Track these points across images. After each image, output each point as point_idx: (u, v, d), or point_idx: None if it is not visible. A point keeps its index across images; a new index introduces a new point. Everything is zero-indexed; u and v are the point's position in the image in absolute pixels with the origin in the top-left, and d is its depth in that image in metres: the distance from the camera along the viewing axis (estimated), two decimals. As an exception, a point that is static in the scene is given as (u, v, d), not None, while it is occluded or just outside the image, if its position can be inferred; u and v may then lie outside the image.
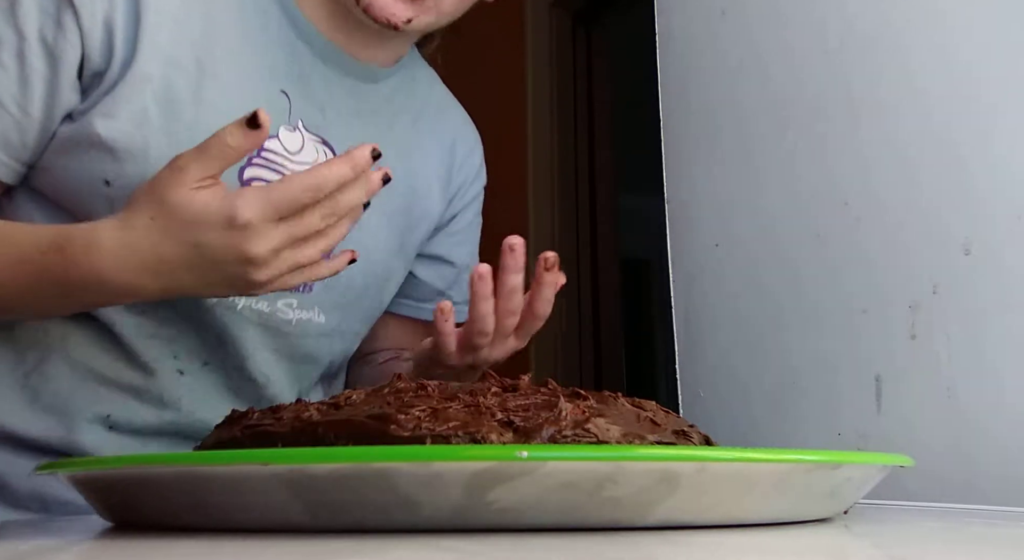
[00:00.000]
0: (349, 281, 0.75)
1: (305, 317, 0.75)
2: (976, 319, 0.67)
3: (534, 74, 2.67)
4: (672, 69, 1.03)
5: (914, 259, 0.72)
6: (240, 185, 0.69)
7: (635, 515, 0.34)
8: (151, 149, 0.65)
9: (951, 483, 0.67)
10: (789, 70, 0.86)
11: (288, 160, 0.72)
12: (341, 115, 0.77)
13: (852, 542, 0.37)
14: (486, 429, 0.37)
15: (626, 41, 2.62)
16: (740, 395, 0.88)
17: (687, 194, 0.99)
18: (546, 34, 2.66)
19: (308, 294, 0.74)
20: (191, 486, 0.35)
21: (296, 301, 0.74)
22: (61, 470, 0.40)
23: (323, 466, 0.32)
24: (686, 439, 0.42)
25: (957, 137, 0.70)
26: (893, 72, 0.76)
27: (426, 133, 0.85)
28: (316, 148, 0.75)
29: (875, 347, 0.74)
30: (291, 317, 0.74)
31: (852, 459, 0.38)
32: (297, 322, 0.75)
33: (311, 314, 0.75)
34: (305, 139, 0.74)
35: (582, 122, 2.61)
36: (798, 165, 0.84)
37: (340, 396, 0.43)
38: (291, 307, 0.74)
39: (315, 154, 0.74)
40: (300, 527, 0.34)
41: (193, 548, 0.33)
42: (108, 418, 0.70)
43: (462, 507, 0.32)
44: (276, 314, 0.73)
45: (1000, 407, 0.65)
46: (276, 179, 0.69)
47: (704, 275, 0.95)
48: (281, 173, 0.71)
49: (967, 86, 0.70)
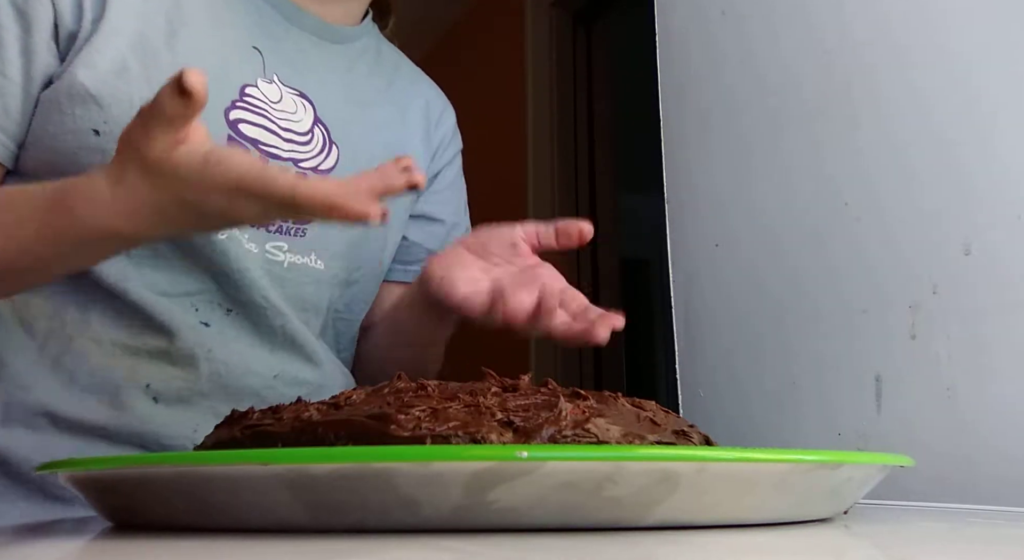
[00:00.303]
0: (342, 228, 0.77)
1: (300, 261, 0.76)
2: (976, 319, 0.67)
3: (534, 74, 2.67)
4: (672, 69, 1.03)
5: (914, 259, 0.72)
6: (226, 125, 0.72)
7: (635, 515, 0.34)
8: (135, 96, 0.66)
9: (951, 483, 0.67)
10: (789, 70, 0.86)
11: (270, 107, 0.75)
12: (315, 71, 0.79)
13: (852, 542, 0.37)
14: (486, 429, 0.37)
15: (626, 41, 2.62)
16: (740, 395, 0.88)
17: (687, 194, 0.99)
18: (546, 34, 2.66)
19: (301, 238, 0.75)
20: (191, 486, 0.35)
21: (286, 244, 0.75)
22: (61, 470, 0.40)
23: (323, 466, 0.32)
24: (686, 439, 0.42)
25: (957, 137, 0.70)
26: (893, 72, 0.76)
27: (400, 93, 0.88)
28: (295, 101, 0.77)
29: (875, 347, 0.74)
30: (282, 259, 0.75)
31: (852, 459, 0.38)
32: (290, 265, 0.75)
33: (307, 259, 0.76)
34: (283, 92, 0.77)
35: (582, 122, 2.61)
36: (798, 165, 0.84)
37: (340, 396, 0.43)
38: (281, 250, 0.75)
39: (294, 106, 0.77)
40: (300, 527, 0.34)
41: (193, 548, 0.33)
42: (149, 388, 0.70)
43: (462, 507, 0.32)
44: (266, 255, 0.74)
45: (1000, 407, 0.65)
46: (260, 123, 0.74)
47: (704, 275, 0.95)
48: (266, 117, 0.74)
49: (967, 86, 0.70)
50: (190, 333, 0.71)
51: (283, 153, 0.75)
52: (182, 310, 0.71)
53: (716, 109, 0.95)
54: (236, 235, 0.72)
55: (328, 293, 0.79)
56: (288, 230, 0.75)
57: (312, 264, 0.77)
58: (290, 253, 0.75)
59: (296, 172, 0.75)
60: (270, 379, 0.75)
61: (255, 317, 0.74)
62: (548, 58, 2.64)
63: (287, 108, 0.76)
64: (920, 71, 0.73)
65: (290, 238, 0.75)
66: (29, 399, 0.68)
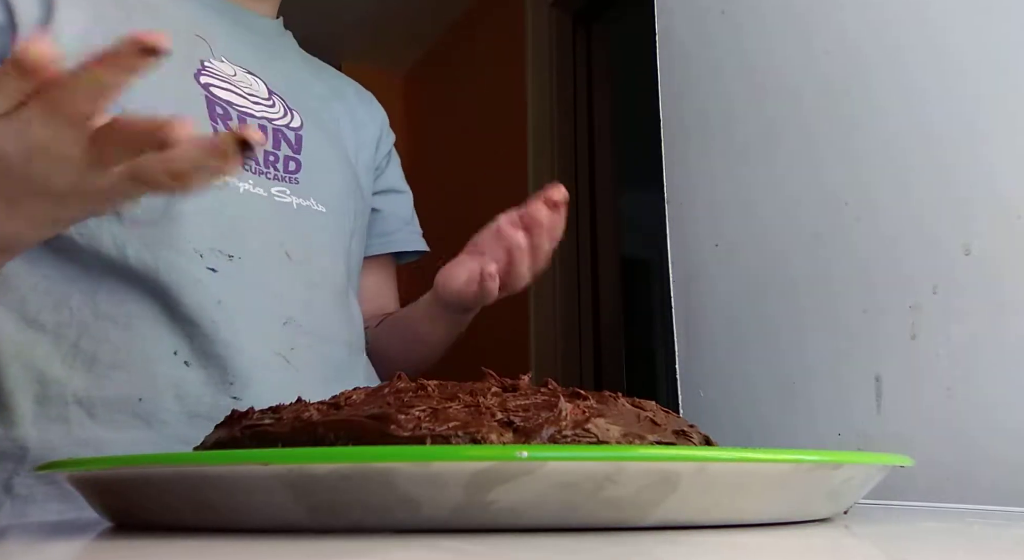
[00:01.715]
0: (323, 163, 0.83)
1: (305, 203, 0.79)
2: (976, 319, 0.67)
3: (534, 74, 2.67)
4: (672, 69, 1.03)
5: (914, 259, 0.72)
6: (200, 88, 0.75)
7: (635, 515, 0.34)
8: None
9: (951, 483, 0.67)
10: (789, 70, 0.86)
11: (230, 78, 0.79)
12: (255, 55, 0.84)
13: (852, 542, 0.37)
14: (486, 429, 0.37)
15: (626, 41, 2.62)
16: (740, 395, 0.88)
17: (687, 194, 0.99)
18: (546, 34, 2.65)
19: (297, 185, 0.79)
20: (191, 486, 0.35)
21: (288, 190, 0.79)
22: (61, 470, 0.40)
23: (323, 466, 0.32)
24: (686, 439, 0.42)
25: (957, 138, 0.70)
26: (892, 72, 0.76)
27: (331, 78, 0.97)
28: (247, 76, 0.82)
29: (875, 347, 0.74)
30: (290, 201, 0.78)
31: (852, 459, 0.37)
32: (299, 207, 0.79)
33: (309, 202, 0.80)
34: (235, 69, 0.81)
35: (582, 122, 2.61)
36: (798, 165, 0.84)
37: (340, 396, 0.43)
38: (285, 194, 0.78)
39: (248, 80, 0.81)
40: (300, 527, 0.34)
41: (193, 548, 0.33)
42: (176, 355, 0.69)
43: (462, 507, 0.32)
44: (274, 198, 0.77)
45: (1000, 407, 0.65)
46: (227, 88, 0.78)
47: (704, 275, 0.95)
48: (230, 84, 0.78)
49: (967, 87, 0.70)
50: (193, 286, 0.70)
51: (256, 112, 0.80)
52: (185, 258, 0.70)
53: (716, 109, 0.95)
54: (235, 183, 0.74)
55: (329, 240, 0.82)
56: (283, 177, 0.79)
57: (316, 207, 0.80)
58: (295, 197, 0.79)
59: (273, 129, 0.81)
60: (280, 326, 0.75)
61: (260, 261, 0.74)
62: (548, 58, 2.64)
63: (243, 80, 0.81)
64: (920, 71, 0.73)
65: (289, 184, 0.79)
66: (57, 393, 0.67)
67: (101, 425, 0.67)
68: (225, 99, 0.77)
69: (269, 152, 0.80)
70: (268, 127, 0.80)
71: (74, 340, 0.68)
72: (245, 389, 0.70)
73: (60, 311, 0.69)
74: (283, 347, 0.74)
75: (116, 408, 0.67)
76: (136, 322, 0.69)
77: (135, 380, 0.68)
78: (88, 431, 0.67)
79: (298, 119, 0.84)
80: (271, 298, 0.74)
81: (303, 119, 0.84)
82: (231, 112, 0.77)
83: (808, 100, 0.84)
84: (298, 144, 0.82)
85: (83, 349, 0.68)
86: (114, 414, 0.67)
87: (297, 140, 0.82)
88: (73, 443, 0.66)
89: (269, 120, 0.81)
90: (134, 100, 0.61)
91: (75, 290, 0.69)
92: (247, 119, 0.79)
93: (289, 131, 0.82)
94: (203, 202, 0.71)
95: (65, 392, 0.67)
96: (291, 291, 0.76)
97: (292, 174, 0.80)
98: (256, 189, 0.75)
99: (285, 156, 0.81)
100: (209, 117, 0.75)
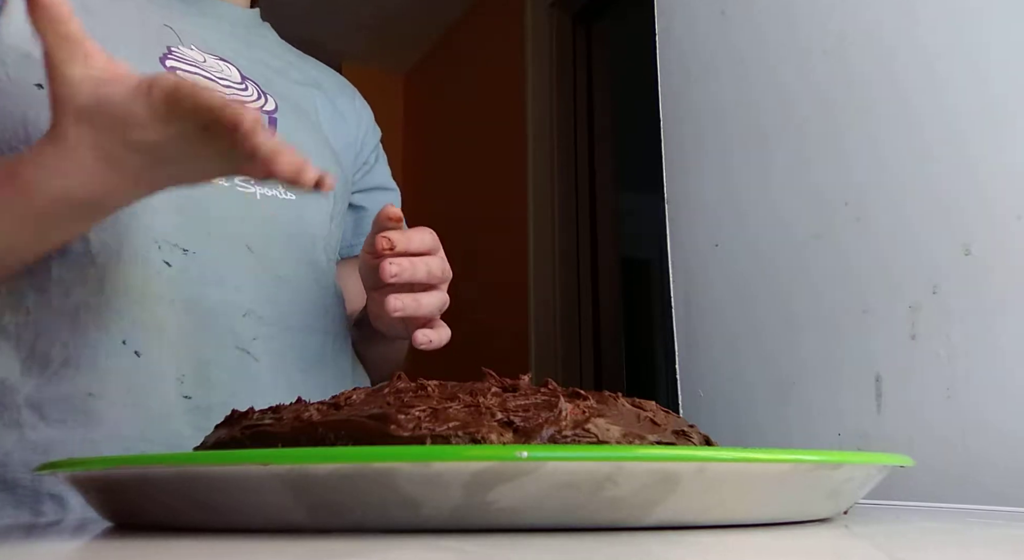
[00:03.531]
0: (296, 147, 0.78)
1: (270, 193, 0.76)
2: (976, 319, 0.67)
3: (534, 74, 2.67)
4: (672, 69, 1.03)
5: (914, 259, 0.72)
6: (166, 71, 0.69)
7: (635, 515, 0.34)
8: None
9: (951, 483, 0.67)
10: (789, 69, 0.86)
11: (199, 63, 0.76)
12: (226, 43, 0.82)
13: (852, 542, 0.37)
14: (486, 429, 0.37)
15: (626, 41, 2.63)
16: (740, 395, 0.88)
17: (687, 194, 0.99)
18: (546, 34, 2.66)
19: None
20: (191, 486, 0.35)
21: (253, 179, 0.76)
22: (61, 470, 0.40)
23: (323, 466, 0.32)
24: (686, 439, 0.42)
25: (957, 138, 0.70)
26: (893, 73, 0.76)
27: (306, 66, 0.93)
28: (217, 62, 0.79)
29: (875, 347, 0.74)
30: (253, 191, 0.75)
31: (852, 459, 0.37)
32: (263, 198, 0.76)
33: (275, 191, 0.77)
34: (206, 56, 0.78)
35: (582, 122, 2.61)
36: (798, 165, 0.84)
37: (340, 396, 0.43)
38: (248, 183, 0.75)
39: (219, 66, 0.79)
40: (300, 527, 0.34)
41: (193, 548, 0.33)
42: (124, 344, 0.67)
43: (462, 507, 0.32)
44: (236, 188, 0.74)
45: (1000, 407, 0.65)
46: (196, 72, 0.75)
47: (704, 275, 0.95)
48: (199, 69, 0.76)
49: (966, 85, 0.70)
50: (150, 280, 0.68)
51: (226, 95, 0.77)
52: (145, 252, 0.68)
53: (716, 109, 0.95)
54: None
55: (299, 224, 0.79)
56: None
57: (282, 195, 0.78)
58: (259, 186, 0.76)
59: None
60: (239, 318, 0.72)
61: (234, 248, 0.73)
62: (548, 58, 2.64)
63: (214, 66, 0.78)
64: (919, 71, 0.73)
65: None
66: (11, 399, 0.65)
67: (52, 426, 0.65)
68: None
69: None
70: None
71: (31, 342, 0.66)
72: (197, 387, 0.69)
73: (18, 312, 0.66)
74: (242, 340, 0.72)
75: (66, 407, 0.65)
76: (83, 313, 0.66)
77: (84, 374, 0.66)
78: (40, 433, 0.65)
79: (272, 102, 0.81)
80: (229, 292, 0.72)
81: (277, 102, 0.82)
82: None
83: (808, 100, 0.84)
84: (272, 128, 0.79)
85: (39, 351, 0.66)
86: (65, 413, 0.65)
87: (270, 123, 0.80)
88: (26, 448, 0.64)
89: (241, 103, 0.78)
90: None
91: (30, 287, 0.66)
92: None
93: (263, 114, 0.78)
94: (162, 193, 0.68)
95: (18, 397, 0.65)
96: (252, 283, 0.74)
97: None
98: (216, 180, 0.71)
99: None
100: None
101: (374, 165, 0.96)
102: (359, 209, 0.94)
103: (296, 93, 0.86)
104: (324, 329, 0.80)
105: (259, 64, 0.84)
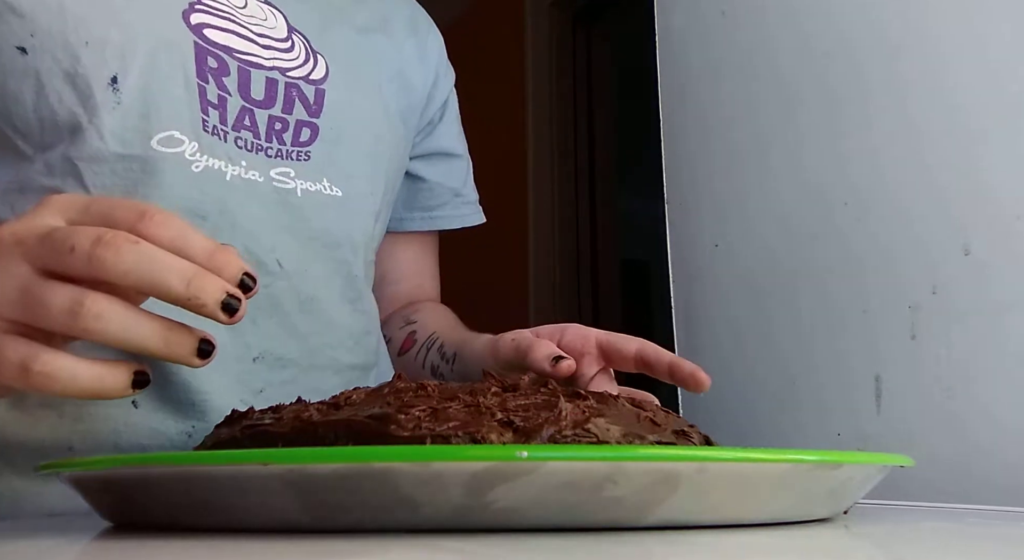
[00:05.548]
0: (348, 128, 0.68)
1: (313, 188, 0.66)
2: (976, 319, 0.67)
3: (534, 74, 2.67)
4: (672, 69, 1.03)
5: (914, 259, 0.72)
6: (189, 31, 0.61)
7: (635, 515, 0.34)
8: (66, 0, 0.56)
9: (951, 483, 0.67)
10: (789, 70, 0.86)
11: (236, 11, 0.65)
12: None
13: (852, 542, 0.37)
14: (486, 429, 0.37)
15: (626, 41, 2.62)
16: (740, 395, 0.88)
17: (687, 195, 0.99)
18: (546, 34, 2.66)
19: (307, 162, 0.66)
20: (191, 486, 0.35)
21: (293, 171, 0.65)
22: (61, 470, 0.40)
23: (323, 466, 0.32)
24: (686, 439, 0.42)
25: (957, 138, 0.70)
26: (893, 73, 0.76)
27: (365, 5, 0.77)
28: (261, 7, 0.67)
29: (875, 347, 0.74)
30: (293, 186, 0.64)
31: (852, 459, 0.37)
32: (304, 194, 0.65)
33: (320, 185, 0.66)
34: (248, 0, 0.67)
35: (582, 122, 2.61)
36: (798, 165, 0.84)
37: (340, 396, 0.43)
38: (288, 176, 0.64)
39: (263, 12, 0.67)
40: (300, 527, 0.34)
41: (193, 548, 0.33)
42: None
43: (462, 507, 0.32)
44: (273, 184, 0.63)
45: (999, 407, 0.65)
46: (229, 27, 0.63)
47: (704, 276, 0.95)
48: (234, 22, 0.64)
49: (967, 86, 0.70)
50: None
51: (264, 62, 0.65)
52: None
53: (716, 109, 0.95)
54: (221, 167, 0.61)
55: (348, 223, 0.68)
56: (288, 153, 0.65)
57: (327, 190, 0.67)
58: (300, 179, 0.65)
59: (286, 84, 0.64)
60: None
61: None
62: (548, 58, 2.64)
63: (255, 13, 0.66)
64: (923, 73, 0.73)
65: (295, 163, 0.65)
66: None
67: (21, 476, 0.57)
68: (224, 44, 0.62)
69: (276, 118, 0.64)
70: (280, 81, 0.65)
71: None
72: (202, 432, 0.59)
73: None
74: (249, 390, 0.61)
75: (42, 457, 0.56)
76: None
77: (65, 422, 0.57)
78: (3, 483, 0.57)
79: (323, 66, 0.69)
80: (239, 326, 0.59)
81: (329, 66, 0.69)
82: (229, 64, 0.62)
83: (808, 101, 0.84)
84: (318, 104, 0.67)
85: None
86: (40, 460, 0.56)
87: (318, 97, 0.67)
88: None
89: (282, 71, 0.65)
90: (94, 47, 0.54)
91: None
92: (251, 71, 0.64)
93: (308, 85, 0.67)
94: (177, 190, 0.58)
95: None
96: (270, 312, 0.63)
97: (303, 146, 0.66)
98: (249, 173, 0.62)
99: (297, 121, 0.66)
100: (197, 74, 0.61)
101: (439, 123, 0.82)
102: (416, 179, 0.80)
103: (356, 46, 0.73)
104: (351, 364, 0.69)
105: (314, 9, 0.71)
